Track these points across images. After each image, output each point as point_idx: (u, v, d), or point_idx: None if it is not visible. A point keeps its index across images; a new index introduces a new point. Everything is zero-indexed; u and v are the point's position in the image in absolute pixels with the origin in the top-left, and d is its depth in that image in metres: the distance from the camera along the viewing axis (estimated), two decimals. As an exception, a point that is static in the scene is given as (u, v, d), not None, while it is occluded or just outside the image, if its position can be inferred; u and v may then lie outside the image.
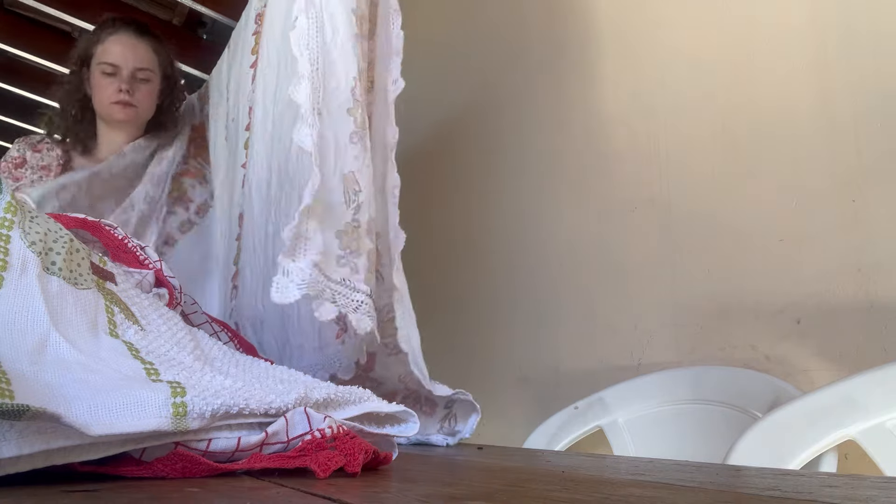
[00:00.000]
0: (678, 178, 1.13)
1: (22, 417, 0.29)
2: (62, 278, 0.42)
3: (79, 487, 0.31)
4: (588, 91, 1.34)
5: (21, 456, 0.30)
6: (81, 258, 0.45)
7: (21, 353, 0.36)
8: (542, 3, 1.48)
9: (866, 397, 0.71)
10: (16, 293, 0.39)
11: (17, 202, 0.42)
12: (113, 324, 0.44)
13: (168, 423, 0.36)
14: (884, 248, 0.86)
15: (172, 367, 0.43)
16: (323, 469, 0.38)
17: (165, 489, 0.32)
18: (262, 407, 0.41)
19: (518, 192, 1.47)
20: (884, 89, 0.88)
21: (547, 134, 1.42)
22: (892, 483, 0.43)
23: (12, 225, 0.41)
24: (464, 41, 1.74)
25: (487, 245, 1.54)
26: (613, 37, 1.30)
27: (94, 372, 0.38)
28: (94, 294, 0.44)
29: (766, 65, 1.03)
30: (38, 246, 0.42)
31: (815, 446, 0.72)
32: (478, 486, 0.38)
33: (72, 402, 0.33)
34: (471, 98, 1.68)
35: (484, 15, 1.68)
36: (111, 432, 0.33)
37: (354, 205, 0.73)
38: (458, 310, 1.60)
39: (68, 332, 0.40)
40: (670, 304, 1.11)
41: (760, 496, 0.34)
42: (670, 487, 0.38)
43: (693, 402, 0.98)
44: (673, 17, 1.18)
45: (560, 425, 1.10)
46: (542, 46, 1.47)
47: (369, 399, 0.48)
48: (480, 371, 1.48)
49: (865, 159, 0.89)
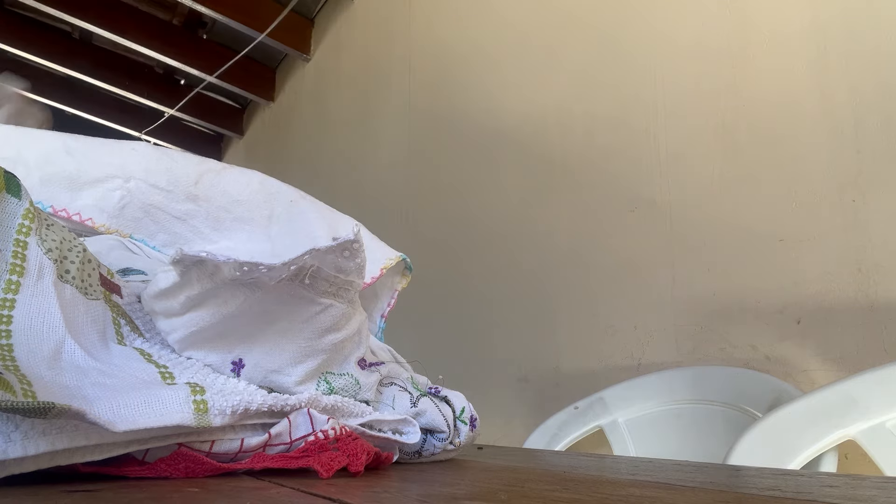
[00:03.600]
0: (678, 178, 1.13)
1: (47, 415, 0.29)
2: (75, 287, 0.42)
3: (79, 487, 0.31)
4: (588, 91, 1.34)
5: (26, 457, 0.30)
6: (92, 269, 0.45)
7: (39, 359, 0.36)
8: (543, 2, 1.49)
9: (866, 397, 0.71)
10: (32, 298, 0.39)
11: (34, 209, 0.42)
12: (120, 335, 0.44)
13: (191, 419, 0.36)
14: (884, 248, 0.86)
15: (186, 370, 0.43)
16: (326, 469, 0.38)
17: (165, 489, 0.32)
18: (280, 403, 0.42)
19: (518, 192, 1.48)
20: (884, 89, 0.89)
21: (547, 133, 1.42)
22: (892, 483, 0.43)
23: (30, 231, 0.41)
24: (465, 39, 1.74)
25: (488, 245, 1.54)
26: (614, 36, 1.30)
27: (112, 376, 0.38)
28: (103, 306, 0.44)
29: (766, 65, 1.03)
30: (54, 253, 0.42)
31: (815, 446, 0.72)
32: (478, 486, 0.38)
33: (93, 402, 0.33)
34: (471, 97, 1.68)
35: (485, 13, 1.68)
36: (135, 427, 0.33)
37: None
38: (458, 310, 1.60)
39: (81, 341, 0.40)
40: (670, 304, 1.11)
41: (760, 496, 0.34)
42: (670, 487, 0.38)
43: (693, 402, 0.98)
44: (673, 16, 1.18)
45: (560, 425, 1.10)
46: (542, 44, 1.47)
47: (371, 414, 0.49)
48: (480, 371, 1.48)
49: (865, 159, 0.89)
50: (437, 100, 1.82)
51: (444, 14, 1.85)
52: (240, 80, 2.93)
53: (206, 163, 0.70)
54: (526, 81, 1.51)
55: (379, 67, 2.14)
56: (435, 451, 0.55)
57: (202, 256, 0.40)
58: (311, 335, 0.46)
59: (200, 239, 0.67)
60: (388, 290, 0.78)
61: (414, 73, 1.94)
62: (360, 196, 2.10)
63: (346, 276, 0.44)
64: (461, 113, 1.71)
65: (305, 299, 0.44)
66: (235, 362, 0.46)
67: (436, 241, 1.71)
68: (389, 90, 2.03)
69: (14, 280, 0.39)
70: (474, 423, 0.59)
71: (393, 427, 0.50)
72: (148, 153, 0.68)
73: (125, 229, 0.66)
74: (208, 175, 0.68)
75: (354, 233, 0.42)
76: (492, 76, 1.62)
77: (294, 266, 0.41)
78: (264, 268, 0.40)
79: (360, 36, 2.33)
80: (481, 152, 1.61)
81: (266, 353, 0.45)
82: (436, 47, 1.87)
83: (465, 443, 0.58)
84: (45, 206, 0.63)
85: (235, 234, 0.68)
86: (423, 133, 1.85)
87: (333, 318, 0.46)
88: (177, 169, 0.67)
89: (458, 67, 1.75)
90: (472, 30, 1.72)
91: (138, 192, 0.66)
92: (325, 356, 0.47)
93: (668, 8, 1.20)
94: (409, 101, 1.93)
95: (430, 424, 0.55)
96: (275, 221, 0.69)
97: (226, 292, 0.42)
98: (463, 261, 1.61)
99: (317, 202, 0.73)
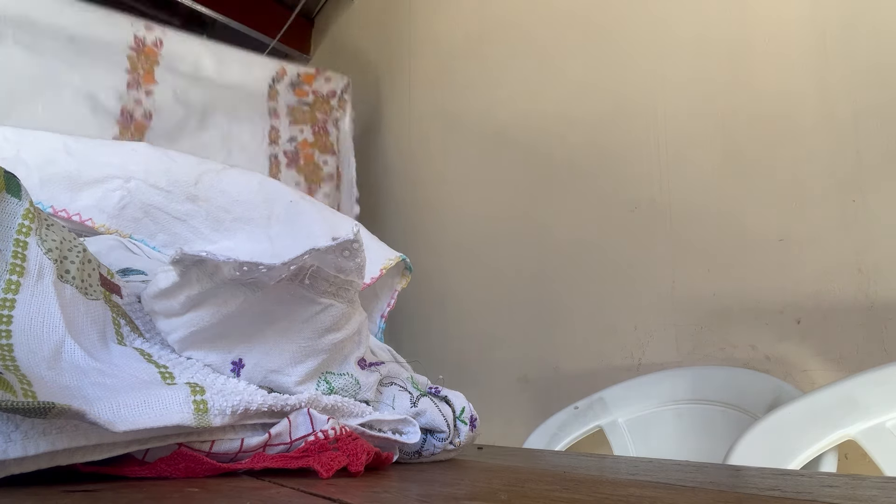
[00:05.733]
0: (678, 178, 1.13)
1: (47, 415, 0.29)
2: (75, 287, 0.42)
3: (79, 487, 0.31)
4: (588, 90, 1.34)
5: (26, 457, 0.30)
6: (92, 269, 0.45)
7: (39, 359, 0.36)
8: (543, 2, 1.49)
9: (866, 397, 0.71)
10: (32, 299, 0.39)
11: (34, 209, 0.42)
12: (120, 335, 0.44)
13: (191, 419, 0.36)
14: (884, 248, 0.86)
15: (186, 371, 0.43)
16: (326, 469, 0.38)
17: (165, 489, 0.32)
18: (280, 403, 0.42)
19: (518, 191, 1.48)
20: (884, 90, 0.89)
21: (547, 133, 1.42)
22: (892, 483, 0.43)
23: (30, 231, 0.41)
24: (466, 39, 1.74)
25: (488, 245, 1.54)
26: (614, 36, 1.30)
27: (111, 377, 0.38)
28: (102, 306, 0.44)
29: (766, 64, 1.03)
30: (54, 253, 0.42)
31: (815, 446, 0.72)
32: (478, 486, 0.38)
33: (93, 402, 0.33)
34: (471, 96, 1.68)
35: (486, 12, 1.68)
36: (135, 427, 0.33)
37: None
38: (457, 310, 1.60)
39: (81, 341, 0.40)
40: (670, 304, 1.11)
41: (760, 496, 0.34)
42: (670, 487, 0.38)
43: (693, 402, 0.98)
44: (673, 16, 1.18)
45: (560, 425, 1.10)
46: (543, 43, 1.47)
47: (371, 413, 0.49)
48: (480, 371, 1.48)
49: (865, 159, 0.89)
50: (437, 99, 1.82)
51: (445, 14, 1.85)
52: (240, 80, 2.92)
53: (206, 163, 0.71)
54: (526, 81, 1.51)
55: (379, 67, 2.14)
56: (435, 451, 0.55)
57: (202, 256, 0.40)
58: (311, 335, 0.46)
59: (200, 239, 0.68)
60: (388, 290, 0.79)
61: (414, 74, 1.94)
62: (360, 196, 2.10)
63: (346, 276, 0.44)
64: (461, 112, 1.71)
65: (305, 299, 0.44)
66: (235, 362, 0.46)
67: (436, 242, 1.71)
68: (389, 90, 2.03)
69: (14, 280, 0.39)
70: (474, 423, 0.59)
71: (393, 427, 0.50)
72: (148, 154, 0.68)
73: (125, 229, 0.66)
74: (208, 175, 0.69)
75: (354, 233, 0.42)
76: (492, 76, 1.62)
77: (294, 266, 0.41)
78: (264, 268, 0.40)
79: (360, 36, 2.33)
80: (481, 151, 1.61)
81: (266, 353, 0.45)
82: (436, 47, 1.87)
83: (465, 443, 0.58)
84: (46, 207, 0.63)
85: (235, 235, 0.68)
86: (422, 133, 1.85)
87: (333, 318, 0.46)
88: (176, 169, 0.68)
89: (459, 67, 1.75)
90: (473, 30, 1.72)
91: (138, 192, 0.66)
92: (325, 356, 0.47)
93: (668, 7, 1.20)
94: (408, 101, 1.93)
95: (430, 424, 0.55)
96: (275, 221, 0.69)
97: (226, 292, 0.42)
98: (463, 261, 1.61)
99: (316, 203, 0.73)
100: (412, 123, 1.89)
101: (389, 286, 0.79)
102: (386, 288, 0.78)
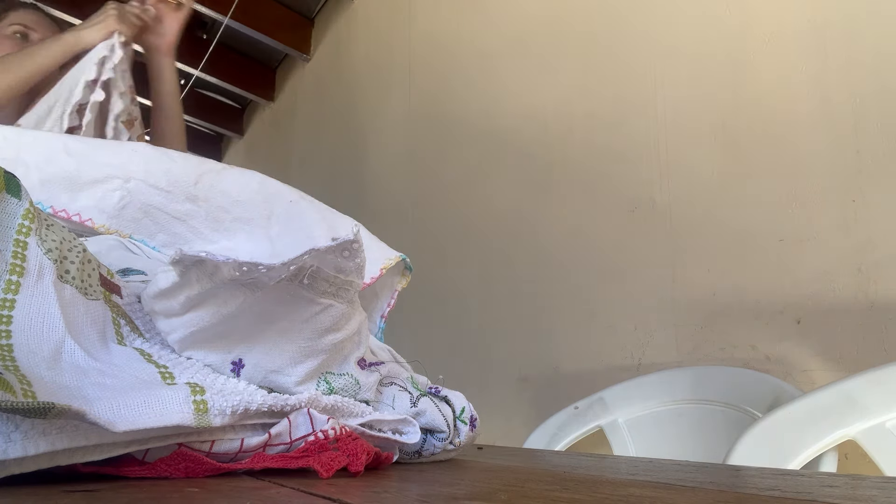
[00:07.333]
0: (678, 178, 1.13)
1: (47, 416, 0.29)
2: (75, 287, 0.42)
3: (79, 487, 0.31)
4: (588, 91, 1.34)
5: (26, 457, 0.30)
6: (92, 269, 0.45)
7: (39, 359, 0.36)
8: (543, 2, 1.49)
9: (866, 397, 0.71)
10: (32, 299, 0.39)
11: (34, 209, 0.42)
12: (120, 335, 0.44)
13: (191, 419, 0.36)
14: (884, 248, 0.86)
15: (186, 370, 0.43)
16: (326, 469, 0.38)
17: (165, 489, 0.32)
18: (280, 403, 0.42)
19: (518, 192, 1.48)
20: (884, 90, 0.89)
21: (547, 133, 1.42)
22: (892, 483, 0.43)
23: (30, 231, 0.41)
24: (465, 39, 1.74)
25: (488, 245, 1.54)
26: (614, 37, 1.30)
27: (112, 377, 0.38)
28: (102, 306, 0.44)
29: (766, 65, 1.03)
30: (54, 253, 0.42)
31: (815, 446, 0.72)
32: (478, 486, 0.38)
33: (93, 402, 0.33)
34: (471, 97, 1.68)
35: (486, 13, 1.68)
36: (136, 427, 0.33)
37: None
38: (458, 310, 1.60)
39: (81, 341, 0.40)
40: (670, 304, 1.11)
41: (760, 496, 0.34)
42: (670, 487, 0.38)
43: (693, 402, 0.98)
44: (673, 17, 1.18)
45: (560, 425, 1.10)
46: (542, 45, 1.47)
47: (371, 413, 0.49)
48: (480, 371, 1.48)
49: (865, 159, 0.89)
50: (437, 100, 1.82)
51: (445, 14, 1.85)
52: (240, 80, 2.93)
53: (206, 163, 0.70)
54: (526, 81, 1.51)
55: (379, 67, 2.14)
56: (435, 451, 0.55)
57: (202, 256, 0.39)
58: (311, 335, 0.46)
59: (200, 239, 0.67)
60: (388, 290, 0.78)
61: (414, 74, 1.94)
62: (360, 196, 2.10)
63: (346, 276, 0.44)
64: (461, 113, 1.71)
65: (305, 299, 0.44)
66: (235, 362, 0.46)
67: (436, 242, 1.71)
68: (389, 90, 2.03)
69: (14, 280, 0.39)
70: (474, 423, 0.59)
71: (393, 427, 0.50)
72: (148, 154, 0.68)
73: (125, 230, 0.66)
74: (208, 175, 0.68)
75: (354, 233, 0.42)
76: (492, 76, 1.62)
77: (294, 266, 0.41)
78: (264, 268, 0.40)
79: (360, 36, 2.33)
80: (481, 152, 1.61)
81: (266, 354, 0.45)
82: (436, 47, 1.87)
83: (465, 443, 0.58)
84: (45, 207, 0.63)
85: (235, 235, 0.68)
86: (422, 133, 1.85)
87: (333, 319, 0.46)
88: (176, 169, 0.67)
89: (459, 67, 1.75)
90: (473, 30, 1.72)
91: (138, 192, 0.66)
92: (324, 356, 0.47)
93: (668, 8, 1.20)
94: (408, 101, 1.93)
95: (430, 424, 0.55)
96: (274, 222, 0.69)
97: (225, 292, 0.42)
98: (463, 261, 1.61)
99: (316, 202, 0.73)
100: (412, 123, 1.89)
101: (389, 286, 0.78)
102: (386, 288, 0.78)
